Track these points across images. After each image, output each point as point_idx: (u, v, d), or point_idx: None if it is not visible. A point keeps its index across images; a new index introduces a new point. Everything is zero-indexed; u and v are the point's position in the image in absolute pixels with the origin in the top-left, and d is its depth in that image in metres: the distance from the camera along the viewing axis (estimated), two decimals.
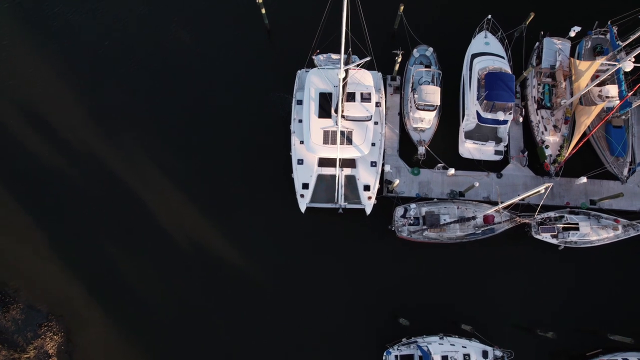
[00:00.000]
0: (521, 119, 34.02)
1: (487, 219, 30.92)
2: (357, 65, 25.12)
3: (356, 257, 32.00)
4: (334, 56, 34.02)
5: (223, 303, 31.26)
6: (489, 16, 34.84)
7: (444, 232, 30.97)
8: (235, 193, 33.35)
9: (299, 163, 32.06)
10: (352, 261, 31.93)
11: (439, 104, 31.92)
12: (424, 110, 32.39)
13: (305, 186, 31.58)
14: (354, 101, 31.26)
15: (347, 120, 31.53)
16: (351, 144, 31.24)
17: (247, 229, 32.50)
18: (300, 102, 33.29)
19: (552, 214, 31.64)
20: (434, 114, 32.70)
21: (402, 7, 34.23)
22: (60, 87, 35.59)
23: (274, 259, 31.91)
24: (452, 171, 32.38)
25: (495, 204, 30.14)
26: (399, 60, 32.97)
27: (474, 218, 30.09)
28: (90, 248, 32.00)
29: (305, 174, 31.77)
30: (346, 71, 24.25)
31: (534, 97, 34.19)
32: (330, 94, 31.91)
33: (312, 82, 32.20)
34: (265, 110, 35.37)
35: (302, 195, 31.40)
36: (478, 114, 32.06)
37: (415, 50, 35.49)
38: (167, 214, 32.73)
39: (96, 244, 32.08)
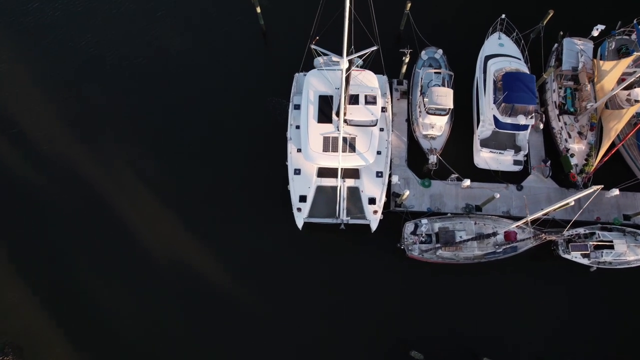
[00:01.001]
0: (541, 126, 30.60)
1: (509, 236, 27.12)
2: (363, 57, 21.65)
3: (360, 280, 28.01)
4: (335, 58, 30.67)
5: (209, 332, 27.06)
6: (503, 16, 31.87)
7: (460, 250, 27.09)
8: (225, 207, 29.65)
9: (295, 173, 28.42)
10: (355, 284, 27.93)
11: (451, 107, 28.55)
12: (435, 114, 28.98)
13: (302, 199, 27.86)
14: (358, 104, 27.82)
15: (350, 125, 28.06)
16: (354, 151, 27.69)
17: (237, 247, 28.67)
18: (297, 107, 29.93)
19: (581, 231, 27.82)
20: (445, 119, 29.26)
21: (408, 5, 31.29)
22: (39, 92, 32.26)
23: (267, 281, 27.92)
24: (467, 182, 28.72)
25: (517, 219, 26.38)
26: (407, 60, 29.74)
27: (494, 235, 26.23)
28: (57, 268, 28.01)
29: (302, 186, 28.09)
30: (350, 63, 20.77)
31: (555, 102, 30.87)
32: (331, 97, 28.56)
33: (311, 84, 28.89)
34: (259, 117, 32.09)
35: (299, 209, 27.63)
36: (495, 119, 28.61)
37: (423, 53, 32.39)
38: (150, 231, 28.96)
39: (64, 264, 28.12)
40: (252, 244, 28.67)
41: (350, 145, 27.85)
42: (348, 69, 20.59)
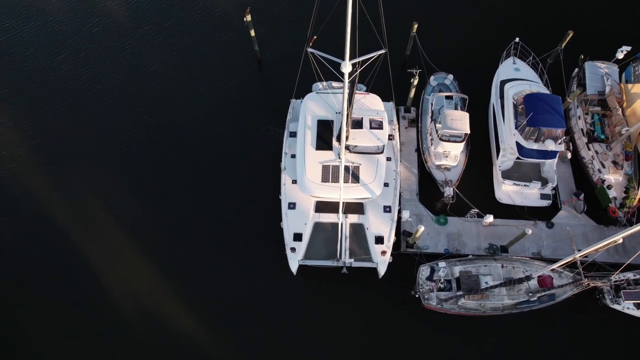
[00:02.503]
0: (569, 155, 26.65)
1: (544, 282, 22.44)
2: (368, 61, 18.08)
3: (367, 336, 22.96)
4: (335, 84, 27.58)
5: None
6: (517, 39, 28.96)
7: (487, 299, 22.24)
8: (207, 247, 25.10)
9: (290, 207, 24.16)
10: (360, 341, 22.83)
11: (468, 132, 24.75)
12: (449, 141, 25.16)
13: (297, 237, 23.41)
14: (362, 128, 24.09)
15: (352, 152, 24.16)
16: (358, 182, 23.60)
17: (219, 295, 23.88)
18: (293, 135, 26.23)
19: (630, 275, 23.11)
20: (461, 146, 25.42)
21: (415, 27, 28.40)
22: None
23: (252, 337, 22.82)
24: (489, 219, 24.39)
25: (551, 261, 21.84)
26: (416, 82, 26.42)
27: (526, 279, 21.47)
28: (18, 328, 23.04)
29: (297, 222, 23.76)
30: (353, 68, 17.16)
31: (582, 129, 27.17)
32: (331, 122, 24.91)
33: (309, 108, 25.38)
34: (251, 146, 28.34)
35: (293, 249, 23.11)
36: (519, 145, 24.79)
37: (432, 78, 29.21)
38: (117, 272, 24.26)
39: (26, 322, 23.15)
40: (237, 291, 23.91)
41: (353, 175, 23.81)
42: (352, 75, 16.90)
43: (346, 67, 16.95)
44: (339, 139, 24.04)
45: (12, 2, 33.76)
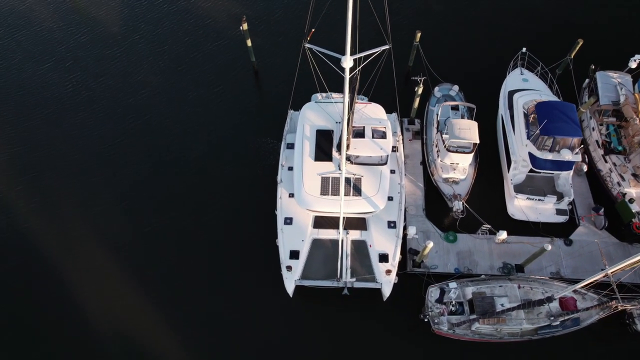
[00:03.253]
0: (585, 167, 24.79)
1: (567, 304, 20.14)
2: (371, 57, 16.46)
3: None
4: (335, 95, 26.06)
5: None
6: (524, 49, 27.62)
7: (504, 323, 19.90)
8: (198, 267, 22.93)
9: (286, 223, 22.15)
10: None
11: (477, 142, 22.97)
12: (457, 152, 23.34)
13: (294, 255, 21.31)
14: (364, 137, 22.35)
15: (354, 163, 22.33)
16: (360, 195, 21.67)
17: (210, 318, 21.61)
18: (290, 146, 24.50)
19: None
20: (470, 158, 23.60)
21: (418, 35, 27.12)
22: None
23: None
24: (502, 235, 22.32)
25: (572, 282, 19.66)
26: (421, 91, 24.90)
27: (548, 301, 19.19)
28: None
29: (294, 238, 21.71)
30: (354, 64, 15.55)
31: (597, 141, 25.41)
32: (331, 132, 23.18)
33: (308, 117, 23.75)
34: (248, 160, 26.47)
35: (289, 268, 20.95)
36: (532, 156, 22.97)
37: (436, 89, 27.72)
38: (108, 296, 22.06)
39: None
40: (228, 314, 21.61)
41: (354, 187, 21.89)
42: (352, 71, 15.27)
43: (347, 61, 15.34)
44: (339, 148, 22.26)
45: (2, 12, 32.75)
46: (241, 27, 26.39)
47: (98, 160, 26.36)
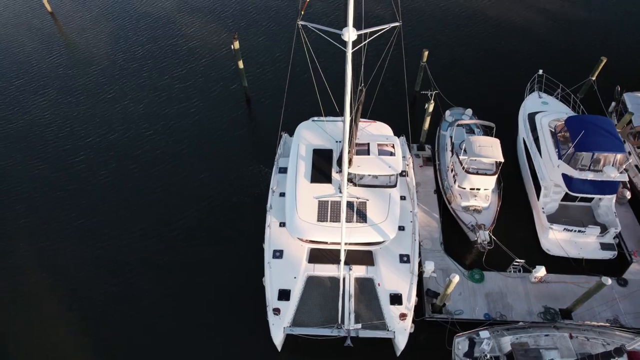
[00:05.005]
0: (628, 195, 20.80)
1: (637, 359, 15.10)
2: (378, 33, 13.13)
3: None
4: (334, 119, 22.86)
5: None
6: (540, 71, 24.81)
7: None
8: (172, 317, 18.18)
9: (275, 256, 17.81)
10: None
11: (501, 160, 19.21)
12: (478, 174, 19.48)
13: (283, 295, 16.76)
14: (369, 155, 18.68)
15: (358, 186, 18.46)
16: (365, 222, 17.54)
17: None
18: (283, 170, 20.77)
19: None
20: (493, 180, 19.74)
21: (425, 55, 24.44)
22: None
23: None
24: (540, 272, 17.88)
25: (634, 330, 14.97)
26: (431, 108, 21.59)
27: (617, 354, 14.29)
28: None
29: (284, 275, 17.30)
30: (358, 40, 12.23)
31: (637, 165, 21.65)
32: (330, 151, 19.54)
33: (303, 137, 20.30)
34: (239, 188, 22.57)
35: (276, 311, 16.30)
36: (566, 178, 19.11)
37: (447, 113, 24.56)
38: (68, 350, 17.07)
39: None
40: None
41: (358, 213, 17.83)
42: (356, 45, 11.90)
43: (349, 33, 11.97)
44: (339, 164, 18.49)
45: None
46: (232, 46, 23.63)
47: (74, 185, 22.52)
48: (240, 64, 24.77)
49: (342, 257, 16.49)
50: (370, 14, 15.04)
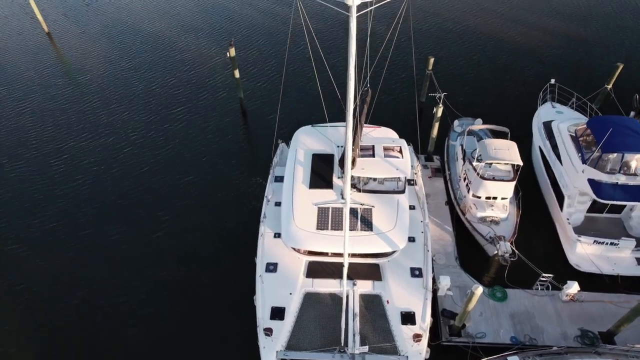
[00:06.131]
0: None
1: None
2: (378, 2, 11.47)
3: None
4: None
5: None
6: (552, 81, 23.31)
7: None
8: (150, 342, 15.57)
9: (268, 270, 15.49)
10: None
11: (520, 163, 17.20)
12: (494, 180, 17.40)
13: (277, 314, 14.32)
14: (374, 157, 16.74)
15: (363, 192, 16.41)
16: (371, 230, 15.34)
17: None
18: (279, 179, 18.72)
19: None
20: (511, 188, 17.60)
21: (431, 62, 23.04)
22: None
23: None
24: (572, 289, 15.44)
25: None
26: (440, 112, 19.86)
27: None
28: None
29: (279, 291, 14.95)
30: (364, 5, 10.59)
31: None
32: (330, 156, 17.63)
33: (302, 142, 18.51)
34: (230, 203, 20.46)
35: (268, 332, 13.80)
36: (594, 184, 17.03)
37: (456, 124, 22.91)
38: None
39: None
40: None
41: (363, 220, 15.65)
42: (362, 10, 10.21)
43: None
44: (341, 164, 16.48)
45: None
46: (227, 53, 22.32)
47: (64, 201, 20.45)
48: (237, 73, 23.34)
49: (345, 271, 14.14)
50: None
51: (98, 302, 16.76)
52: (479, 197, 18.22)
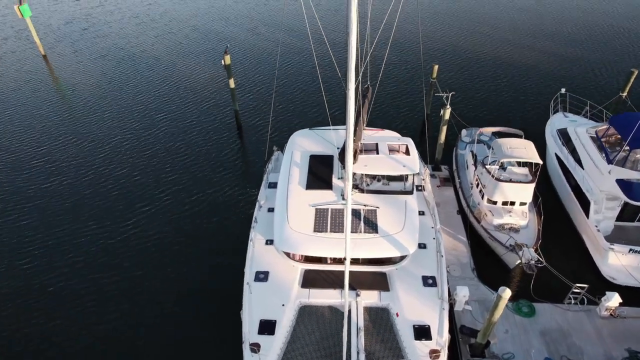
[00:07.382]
0: None
1: None
2: None
3: None
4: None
5: None
6: (563, 90, 21.99)
7: None
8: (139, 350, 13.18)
9: (258, 279, 13.29)
10: None
11: (539, 162, 15.42)
12: (511, 182, 15.56)
13: (266, 328, 12.06)
14: (378, 154, 15.04)
15: (366, 193, 14.55)
16: (376, 232, 13.32)
17: None
18: (272, 185, 16.88)
19: None
20: (531, 189, 15.70)
21: (435, 69, 21.85)
22: None
23: None
24: (613, 302, 13.12)
25: None
26: (447, 114, 18.31)
27: None
28: None
29: (269, 302, 12.79)
30: None
31: None
32: (330, 157, 15.93)
33: (298, 144, 16.93)
34: (225, 214, 18.51)
35: (255, 348, 11.48)
36: (623, 184, 15.23)
37: (464, 133, 21.42)
38: None
39: None
40: None
41: (367, 222, 13.69)
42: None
43: None
44: (342, 159, 14.69)
45: None
46: (222, 61, 21.14)
47: (55, 212, 18.51)
48: (232, 83, 22.10)
49: (347, 279, 11.86)
50: None
51: (80, 319, 14.40)
52: (495, 203, 16.26)
